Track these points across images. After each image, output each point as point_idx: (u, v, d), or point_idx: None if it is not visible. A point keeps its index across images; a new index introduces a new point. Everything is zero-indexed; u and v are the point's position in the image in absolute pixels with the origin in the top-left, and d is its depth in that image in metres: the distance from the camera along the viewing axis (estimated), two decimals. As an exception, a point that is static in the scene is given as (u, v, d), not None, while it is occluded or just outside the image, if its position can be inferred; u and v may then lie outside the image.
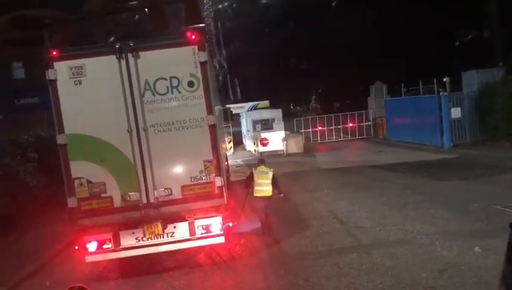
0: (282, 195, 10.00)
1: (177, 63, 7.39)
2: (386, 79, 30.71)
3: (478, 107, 20.67)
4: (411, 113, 23.58)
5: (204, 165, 7.47)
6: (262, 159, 10.64)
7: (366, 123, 29.95)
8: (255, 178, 9.64)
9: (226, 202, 7.66)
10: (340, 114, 31.09)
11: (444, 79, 21.85)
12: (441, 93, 21.54)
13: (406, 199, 11.68)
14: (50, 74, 7.20)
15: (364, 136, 29.29)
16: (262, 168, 9.80)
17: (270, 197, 9.62)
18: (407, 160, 18.37)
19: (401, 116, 24.97)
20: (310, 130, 29.71)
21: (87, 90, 7.24)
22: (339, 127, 30.13)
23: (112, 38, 7.44)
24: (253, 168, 10.03)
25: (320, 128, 30.02)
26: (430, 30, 33.94)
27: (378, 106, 29.23)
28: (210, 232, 7.67)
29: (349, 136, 29.78)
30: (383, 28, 37.60)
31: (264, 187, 9.56)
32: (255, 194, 9.64)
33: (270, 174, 9.69)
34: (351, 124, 30.15)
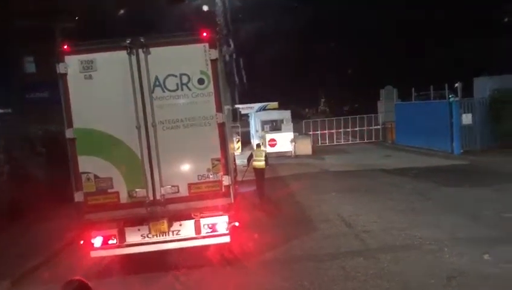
0: (268, 166, 14.15)
1: (188, 60, 7.34)
2: (396, 83, 30.51)
3: (489, 114, 20.44)
4: (421, 118, 23.37)
5: (212, 164, 7.41)
6: (259, 144, 14.96)
7: (375, 127, 29.78)
8: (254, 156, 13.76)
9: (233, 201, 7.59)
10: (349, 117, 30.89)
11: (456, 84, 21.63)
12: (451, 99, 21.34)
13: (415, 204, 11.55)
14: (61, 68, 7.18)
15: (373, 140, 29.11)
16: (259, 150, 14.00)
17: (263, 169, 13.57)
18: (416, 165, 18.21)
19: (411, 120, 24.77)
20: (318, 132, 29.60)
21: (97, 85, 7.22)
22: (348, 130, 29.95)
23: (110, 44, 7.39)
24: (253, 150, 14.35)
25: (328, 131, 29.89)
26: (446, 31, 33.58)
27: (388, 110, 29.04)
28: (216, 231, 7.60)
29: (358, 139, 29.60)
30: (397, 30, 37.37)
31: (259, 162, 13.52)
32: (253, 167, 13.62)
33: (263, 154, 13.78)
34: (359, 128, 29.98)
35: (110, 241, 7.46)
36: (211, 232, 7.60)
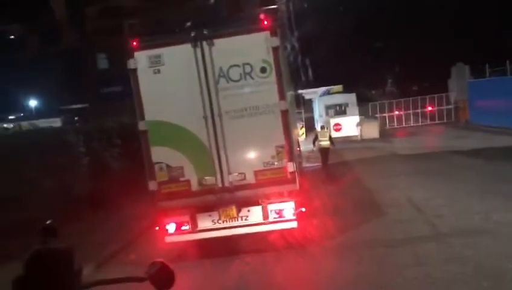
0: (333, 146, 15.48)
1: (250, 49, 7.46)
2: (467, 60, 28.87)
3: None
4: (497, 95, 22.03)
5: (277, 151, 7.53)
6: (323, 126, 17.12)
7: (447, 107, 28.46)
8: (319, 136, 15.28)
9: (298, 188, 7.69)
10: (419, 97, 29.69)
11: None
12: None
13: (489, 186, 11.00)
14: (130, 64, 7.57)
15: (445, 121, 27.87)
16: (323, 131, 15.71)
17: (328, 148, 15.07)
18: (492, 145, 17.26)
19: (486, 98, 23.42)
20: (386, 114, 28.81)
21: (165, 79, 7.55)
22: (417, 111, 28.86)
23: (188, 24, 7.64)
24: (317, 131, 16.60)
25: (397, 112, 28.99)
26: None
27: (460, 88, 27.61)
28: (283, 216, 7.74)
29: (428, 120, 28.48)
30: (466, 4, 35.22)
31: (324, 142, 15.03)
32: (319, 147, 15.17)
33: (328, 135, 15.40)
34: (430, 108, 28.77)
35: (183, 227, 7.84)
36: (278, 217, 7.75)
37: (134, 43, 7.62)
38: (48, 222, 1.94)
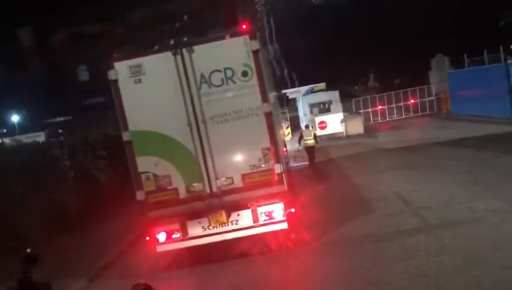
0: (317, 144, 15.69)
1: (230, 54, 7.48)
2: (447, 51, 29.21)
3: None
4: (477, 84, 22.36)
5: (263, 153, 7.55)
6: (307, 125, 18.04)
7: (429, 98, 28.77)
8: (304, 135, 15.50)
9: (286, 188, 7.72)
10: (401, 91, 29.99)
11: (512, 46, 20.50)
12: (508, 61, 20.24)
13: (475, 175, 11.15)
14: (111, 74, 7.54)
15: (427, 112, 28.19)
16: (308, 130, 16.15)
17: (313, 146, 15.25)
18: (475, 134, 17.46)
19: (466, 88, 23.75)
20: (369, 109, 29.03)
21: (147, 88, 7.52)
22: (400, 104, 29.15)
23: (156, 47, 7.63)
24: (302, 130, 16.77)
25: (380, 107, 29.24)
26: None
27: (441, 79, 27.94)
28: (273, 218, 7.76)
29: (411, 113, 28.77)
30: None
31: (309, 141, 15.24)
32: (304, 145, 15.43)
33: (312, 133, 15.71)
34: (412, 101, 29.09)
35: (174, 236, 7.81)
36: (268, 219, 7.77)
37: (114, 54, 7.58)
38: (28, 250, 1.93)
